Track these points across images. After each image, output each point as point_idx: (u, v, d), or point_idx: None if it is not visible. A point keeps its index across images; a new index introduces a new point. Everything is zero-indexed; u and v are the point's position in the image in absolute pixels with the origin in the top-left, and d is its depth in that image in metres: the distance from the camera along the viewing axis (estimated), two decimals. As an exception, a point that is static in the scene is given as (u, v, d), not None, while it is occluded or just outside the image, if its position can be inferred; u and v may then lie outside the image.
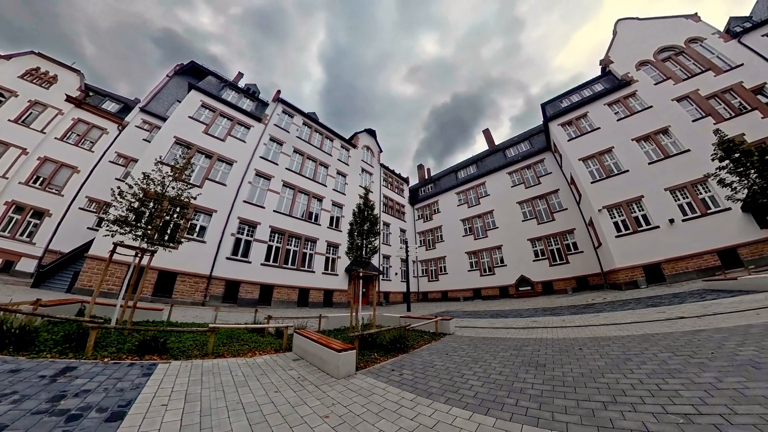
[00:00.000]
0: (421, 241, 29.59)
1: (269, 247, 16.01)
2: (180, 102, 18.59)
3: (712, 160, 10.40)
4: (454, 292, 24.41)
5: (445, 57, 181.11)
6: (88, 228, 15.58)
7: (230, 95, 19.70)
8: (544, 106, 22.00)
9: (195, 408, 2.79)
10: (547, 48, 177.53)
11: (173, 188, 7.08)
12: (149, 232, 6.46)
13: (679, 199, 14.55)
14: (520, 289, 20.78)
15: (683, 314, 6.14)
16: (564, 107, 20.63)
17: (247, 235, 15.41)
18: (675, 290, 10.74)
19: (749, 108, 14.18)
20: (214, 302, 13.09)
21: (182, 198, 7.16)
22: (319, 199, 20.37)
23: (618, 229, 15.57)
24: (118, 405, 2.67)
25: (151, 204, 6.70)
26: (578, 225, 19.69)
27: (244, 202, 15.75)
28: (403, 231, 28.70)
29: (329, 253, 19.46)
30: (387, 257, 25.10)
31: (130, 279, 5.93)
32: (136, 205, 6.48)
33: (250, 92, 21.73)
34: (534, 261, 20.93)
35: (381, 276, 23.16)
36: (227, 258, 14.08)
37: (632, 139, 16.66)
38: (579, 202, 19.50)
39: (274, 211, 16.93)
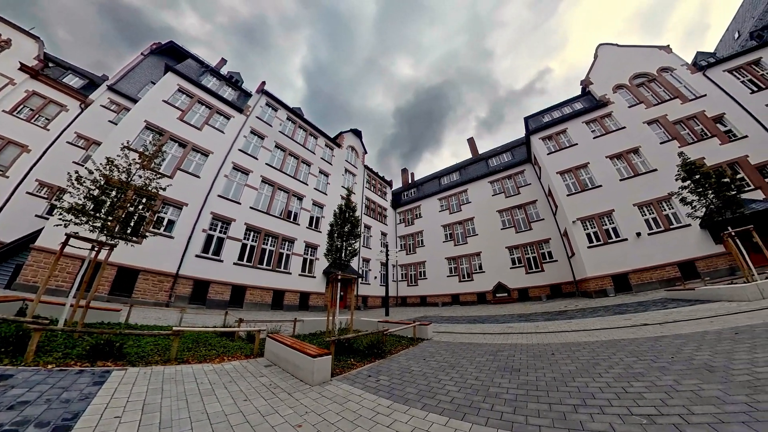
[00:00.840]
0: (401, 245, 29.78)
1: (243, 246, 15.42)
2: (154, 84, 17.53)
3: (676, 180, 11.33)
4: (433, 297, 24.75)
5: (419, 78, 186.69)
6: (36, 216, 14.18)
7: (211, 82, 18.90)
8: (527, 119, 23.06)
9: (153, 420, 2.59)
10: (515, 76, 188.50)
11: (140, 177, 6.63)
12: (109, 223, 5.99)
13: (645, 215, 15.80)
14: (498, 295, 21.46)
15: (647, 321, 6.60)
16: (545, 122, 21.78)
17: (221, 231, 14.75)
18: (640, 299, 11.54)
19: (709, 135, 15.83)
20: (180, 303, 12.36)
21: (150, 188, 6.72)
22: (300, 198, 19.96)
23: (590, 240, 16.61)
24: (63, 418, 2.41)
25: (114, 193, 6.22)
26: (554, 235, 20.77)
27: (219, 196, 15.08)
28: (384, 234, 28.78)
29: (307, 255, 19.08)
30: (367, 260, 25.03)
31: (83, 275, 5.45)
32: (95, 192, 5.98)
33: (233, 80, 20.95)
34: (511, 268, 21.74)
35: (360, 279, 23.03)
36: (197, 256, 13.37)
37: (606, 157, 17.92)
38: (555, 213, 20.60)
39: (251, 207, 16.36)
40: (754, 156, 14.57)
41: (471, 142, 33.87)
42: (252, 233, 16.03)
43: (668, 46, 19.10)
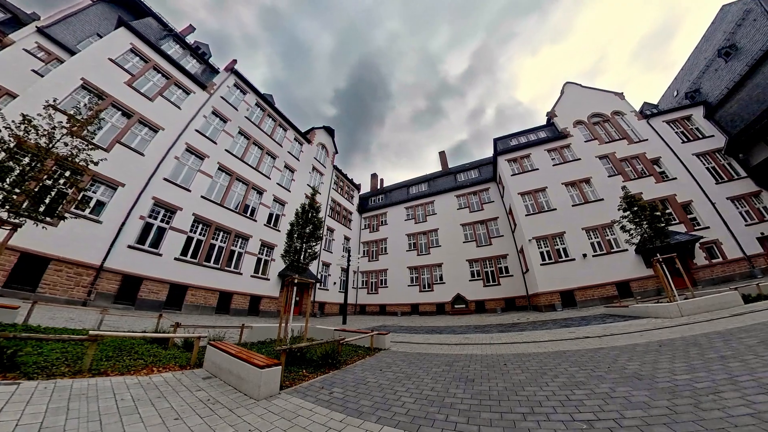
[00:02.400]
0: (364, 251, 29.65)
1: (189, 239, 14.05)
2: (101, 37, 15.44)
3: (618, 209, 12.97)
4: (393, 306, 24.89)
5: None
6: None
7: (173, 48, 17.25)
8: (496, 140, 24.84)
9: (50, 446, 2.15)
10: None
11: (66, 144, 5.72)
12: (15, 197, 5.04)
13: (592, 238, 17.86)
14: (456, 306, 22.29)
15: (588, 335, 7.33)
16: (512, 145, 23.71)
17: (163, 221, 13.29)
18: (583, 314, 12.85)
19: (647, 174, 18.74)
20: (103, 302, 10.78)
21: (77, 160, 5.82)
22: (260, 192, 18.90)
23: (543, 259, 18.22)
24: None
25: (27, 159, 5.27)
26: (511, 251, 22.41)
27: (165, 180, 13.61)
28: (347, 239, 28.43)
29: (262, 254, 18.02)
30: (327, 265, 24.42)
31: (-31, 258, 4.49)
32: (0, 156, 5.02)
33: (199, 52, 19.29)
34: (470, 281, 22.84)
35: (318, 285, 22.35)
36: (130, 246, 11.85)
37: (562, 183, 20.05)
38: (514, 231, 22.27)
39: (203, 197, 15.03)
40: (680, 195, 17.63)
41: (442, 155, 35.32)
42: (200, 226, 14.71)
43: (622, 93, 22.27)
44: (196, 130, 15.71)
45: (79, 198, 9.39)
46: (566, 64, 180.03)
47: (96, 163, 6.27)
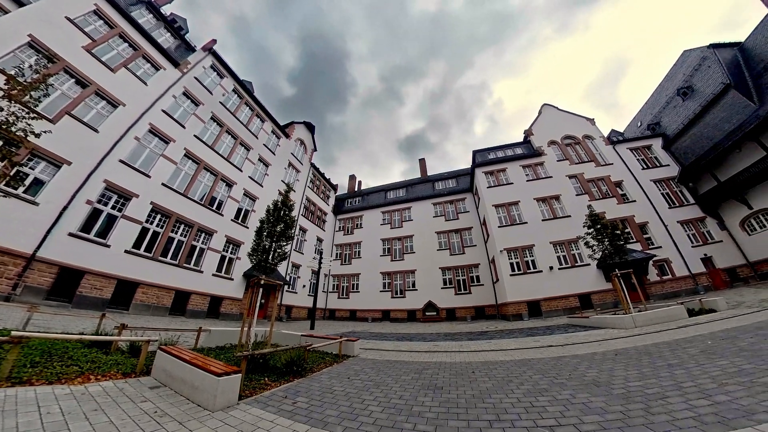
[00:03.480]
0: (337, 254, 29.22)
1: (144, 231, 12.95)
2: None
3: (583, 226, 13.95)
4: (364, 312, 24.67)
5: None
6: None
7: (145, 18, 15.96)
8: (475, 152, 25.91)
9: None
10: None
11: (1, 109, 5.05)
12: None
13: (558, 252, 19.08)
14: (427, 313, 22.61)
15: (552, 343, 7.74)
16: (490, 159, 24.94)
17: (114, 208, 12.13)
18: (548, 324, 13.63)
19: (611, 195, 20.62)
20: (32, 297, 9.58)
21: (14, 129, 5.16)
22: (230, 185, 17.97)
23: (513, 269, 19.12)
24: None
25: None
26: (483, 261, 23.24)
27: (121, 162, 12.43)
28: (320, 240, 27.87)
29: (227, 252, 17.09)
30: (297, 266, 23.71)
31: None
32: None
33: (175, 26, 17.97)
34: (442, 288, 23.32)
35: (286, 287, 21.60)
36: (72, 234, 10.67)
37: (534, 198, 21.37)
38: (486, 241, 23.16)
39: (164, 184, 13.95)
40: (638, 217, 19.59)
41: (422, 162, 35.99)
42: (159, 216, 13.63)
43: (593, 119, 24.51)
44: (163, 111, 14.61)
45: (11, 173, 8.26)
46: (520, 97, 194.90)
47: (37, 135, 5.60)
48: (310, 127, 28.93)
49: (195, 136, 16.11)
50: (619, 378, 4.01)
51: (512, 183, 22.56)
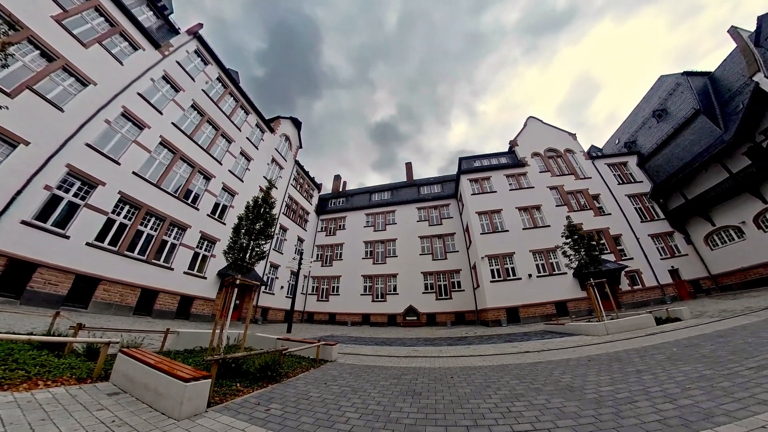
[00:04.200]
0: (318, 255, 28.82)
1: (110, 222, 12.18)
2: None
3: (562, 236, 14.45)
4: (343, 315, 24.40)
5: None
6: None
7: None
8: (461, 159, 26.53)
9: None
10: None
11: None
12: None
13: (537, 260, 19.78)
14: (408, 318, 22.70)
15: (529, 349, 7.97)
16: (476, 166, 25.64)
17: (77, 195, 11.32)
18: (525, 330, 14.03)
19: (588, 207, 21.70)
20: (-28, 288, 8.75)
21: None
22: (208, 177, 17.30)
23: (493, 276, 19.61)
24: None
25: None
26: (464, 267, 23.70)
27: (88, 146, 11.62)
28: (301, 240, 27.39)
29: (201, 249, 16.41)
30: (276, 267, 23.15)
31: None
32: None
33: (159, 4, 17.07)
34: (423, 293, 23.55)
35: (263, 287, 21.02)
36: (25, 222, 9.85)
37: (516, 207, 22.18)
38: (468, 247, 23.66)
39: (134, 173, 13.19)
40: (613, 229, 20.69)
41: (408, 166, 36.31)
42: (127, 207, 12.87)
43: (575, 134, 25.96)
44: (139, 94, 13.84)
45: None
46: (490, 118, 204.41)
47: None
48: (297, 123, 28.49)
49: (173, 123, 15.42)
50: (591, 383, 4.19)
51: (496, 191, 23.29)
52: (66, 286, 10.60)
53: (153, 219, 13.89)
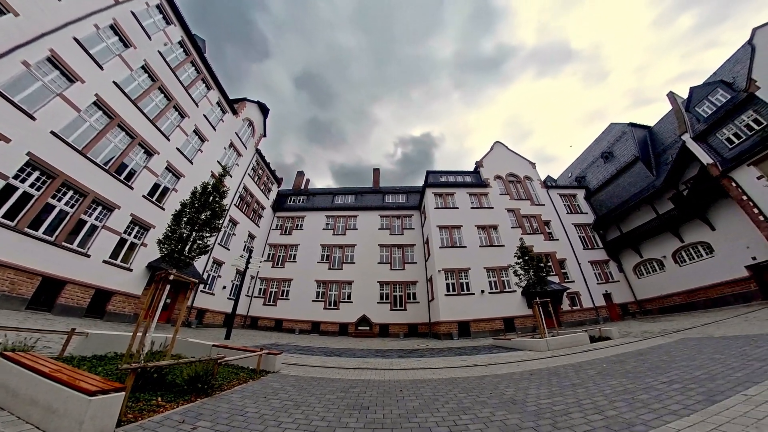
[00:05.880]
0: (270, 254, 27.36)
1: (9, 189, 10.13)
2: None
3: (514, 256, 15.59)
4: (291, 322, 23.31)
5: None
6: None
7: None
8: (428, 173, 27.60)
9: None
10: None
11: None
12: None
13: (491, 277, 21.10)
14: (360, 328, 22.44)
15: (477, 363, 8.33)
16: (441, 181, 26.93)
17: (-36, 157, 9.32)
18: (475, 344, 14.75)
19: (540, 232, 23.97)
20: None
21: None
22: (150, 153, 15.43)
23: (448, 290, 20.45)
24: None
25: None
26: (421, 279, 24.39)
27: None
28: (252, 237, 25.80)
29: (130, 235, 14.51)
30: (219, 264, 21.41)
31: None
32: None
33: None
34: (378, 303, 23.59)
35: (202, 286, 19.26)
36: None
37: (475, 225, 23.68)
38: (427, 260, 24.45)
39: (53, 133, 11.15)
40: (559, 253, 23.12)
41: (376, 172, 36.53)
42: (37, 174, 10.84)
43: (534, 163, 28.98)
44: (75, 39, 11.87)
45: None
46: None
47: None
48: (264, 109, 27.01)
49: (115, 83, 13.49)
50: (532, 396, 4.49)
51: (458, 208, 24.61)
52: (-66, 266, 8.62)
53: (71, 192, 11.97)
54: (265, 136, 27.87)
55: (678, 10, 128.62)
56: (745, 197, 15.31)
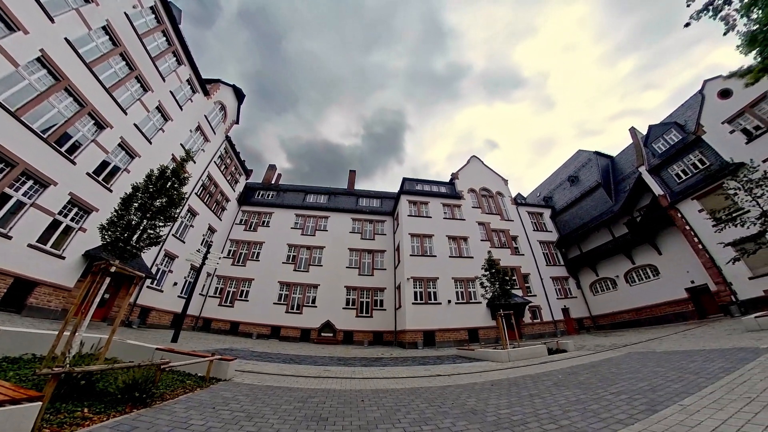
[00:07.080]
0: (231, 251, 25.91)
1: None
2: None
3: (481, 268, 16.20)
4: (249, 325, 22.10)
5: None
6: None
7: None
8: (405, 180, 28.05)
9: None
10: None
11: None
12: None
13: (458, 288, 21.68)
14: (323, 334, 21.88)
15: (440, 373, 8.41)
16: (417, 189, 27.48)
17: None
18: (439, 353, 14.98)
19: (507, 246, 25.23)
20: None
21: None
22: (101, 126, 13.86)
23: (416, 298, 20.68)
24: None
25: None
26: (389, 286, 24.47)
27: None
28: (212, 230, 24.30)
29: (66, 217, 12.89)
30: (172, 258, 19.84)
31: None
32: None
33: None
34: (344, 308, 23.21)
35: (149, 281, 17.70)
36: None
37: (446, 236, 24.36)
38: (396, 267, 24.66)
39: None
40: (524, 268, 24.47)
41: (352, 174, 36.31)
42: (-48, 144, 9.38)
43: (507, 180, 30.65)
44: None
45: None
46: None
47: None
48: (239, 95, 25.65)
49: (66, 40, 11.96)
50: (492, 406, 4.58)
51: (431, 217, 25.18)
52: None
53: (-4, 165, 10.45)
54: (237, 123, 26.60)
55: (620, 54, 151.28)
56: (688, 227, 17.25)
